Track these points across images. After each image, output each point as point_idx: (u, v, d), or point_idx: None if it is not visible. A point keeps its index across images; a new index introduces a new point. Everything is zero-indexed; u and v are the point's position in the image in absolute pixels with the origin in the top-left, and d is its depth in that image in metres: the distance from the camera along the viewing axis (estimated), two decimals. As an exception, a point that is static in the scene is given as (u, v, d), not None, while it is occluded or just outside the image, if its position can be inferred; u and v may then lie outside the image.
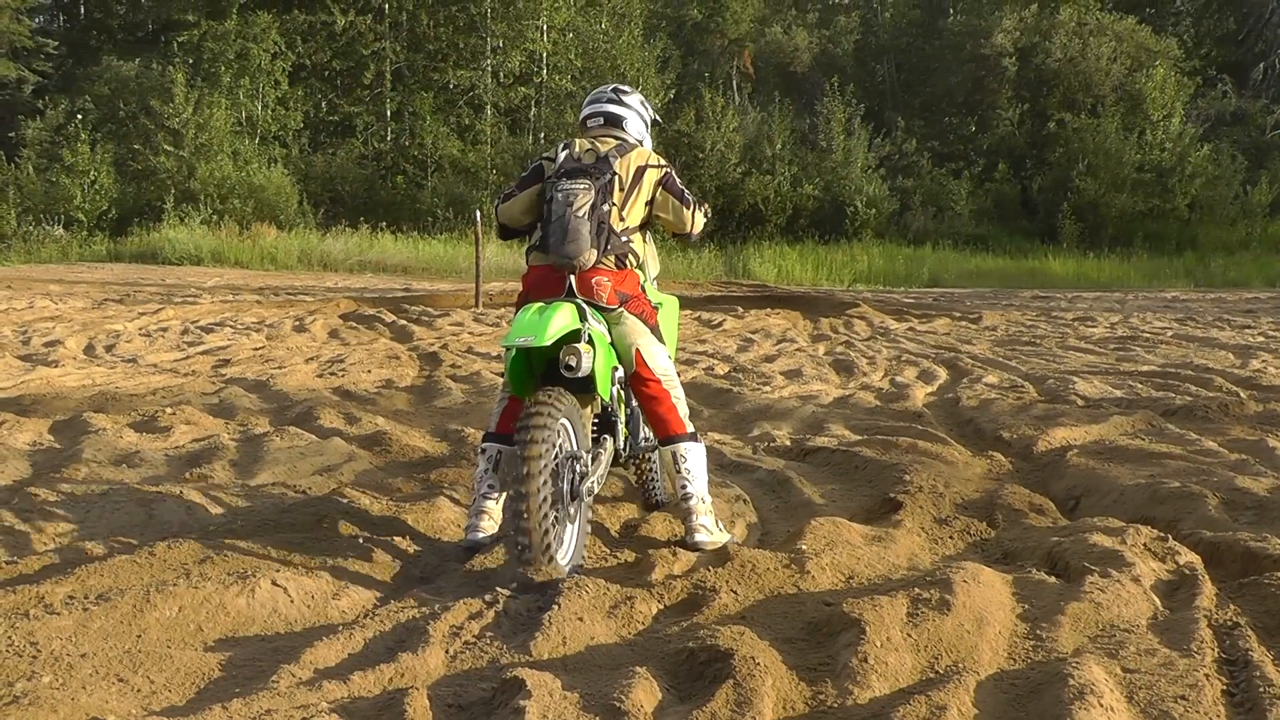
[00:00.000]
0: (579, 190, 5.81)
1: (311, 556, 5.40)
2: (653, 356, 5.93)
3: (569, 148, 6.11)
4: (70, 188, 42.55)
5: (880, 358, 14.86)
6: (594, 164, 5.94)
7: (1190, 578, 5.11)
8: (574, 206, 5.76)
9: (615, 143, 6.16)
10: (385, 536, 5.74)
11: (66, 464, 7.40)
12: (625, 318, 5.89)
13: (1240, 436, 8.62)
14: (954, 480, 7.21)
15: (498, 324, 19.03)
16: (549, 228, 5.83)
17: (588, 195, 5.80)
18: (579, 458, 5.43)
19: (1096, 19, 51.02)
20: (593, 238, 5.75)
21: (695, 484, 5.83)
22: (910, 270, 38.36)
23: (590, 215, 5.77)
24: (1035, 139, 50.44)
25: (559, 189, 5.86)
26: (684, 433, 5.91)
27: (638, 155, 6.15)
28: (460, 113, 50.10)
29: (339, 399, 10.70)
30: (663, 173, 6.19)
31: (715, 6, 56.81)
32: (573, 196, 5.79)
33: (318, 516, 6.02)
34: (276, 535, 5.70)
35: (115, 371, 12.59)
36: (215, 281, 29.26)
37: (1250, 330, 18.89)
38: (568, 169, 5.95)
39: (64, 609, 4.46)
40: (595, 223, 5.78)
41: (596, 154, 6.00)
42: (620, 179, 5.98)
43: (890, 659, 4.05)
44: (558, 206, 5.81)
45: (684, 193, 6.22)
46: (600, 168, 5.91)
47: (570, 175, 5.90)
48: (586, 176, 5.87)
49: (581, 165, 5.95)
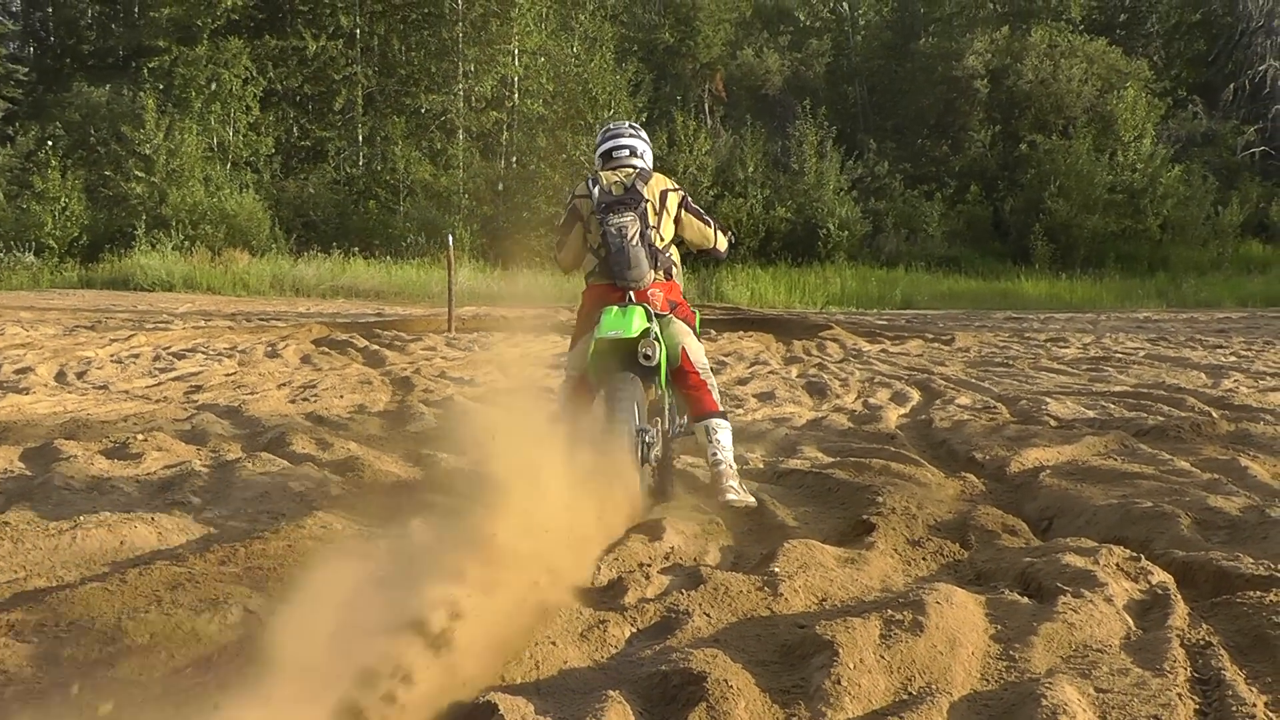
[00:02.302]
0: (627, 222, 6.96)
1: (284, 583, 5.38)
2: (694, 352, 7.13)
3: (597, 183, 7.16)
4: (41, 214, 42.44)
5: (853, 380, 14.89)
6: (626, 195, 7.05)
7: (1163, 598, 5.12)
8: (628, 238, 6.94)
9: (634, 171, 7.24)
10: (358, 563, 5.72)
11: (37, 491, 7.36)
12: (673, 321, 7.09)
13: (1213, 456, 8.64)
14: (927, 502, 7.21)
15: (470, 348, 19.02)
16: (611, 258, 6.99)
17: (635, 225, 6.97)
18: (647, 430, 6.65)
19: (1068, 41, 51.23)
20: (649, 261, 6.98)
21: (725, 453, 6.97)
22: (883, 292, 38.45)
23: (641, 242, 6.96)
24: (1007, 160, 50.59)
25: (609, 224, 6.99)
26: (717, 411, 7.11)
27: (657, 180, 7.29)
28: (432, 137, 50.08)
29: (311, 424, 10.66)
30: (680, 195, 7.40)
31: (687, 30, 56.90)
32: (624, 229, 6.94)
33: (290, 543, 6.00)
34: (249, 562, 5.67)
35: (86, 398, 12.53)
36: (187, 308, 29.19)
37: (1222, 350, 19.00)
38: (607, 203, 7.04)
39: (34, 636, 4.43)
40: (647, 247, 6.98)
41: (624, 185, 7.10)
42: (652, 204, 7.12)
43: (863, 681, 4.05)
44: (614, 239, 6.97)
45: (701, 212, 7.47)
46: (633, 197, 7.04)
47: (613, 209, 7.01)
48: (627, 208, 7.00)
49: (617, 198, 7.05)
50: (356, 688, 3.56)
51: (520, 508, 5.06)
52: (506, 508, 5.05)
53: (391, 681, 3.62)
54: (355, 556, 5.19)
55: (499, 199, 47.46)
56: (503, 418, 7.10)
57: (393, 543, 5.70)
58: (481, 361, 16.98)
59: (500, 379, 14.58)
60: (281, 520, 6.75)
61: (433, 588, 4.14)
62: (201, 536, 6.44)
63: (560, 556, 5.06)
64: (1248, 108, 52.58)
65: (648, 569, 5.61)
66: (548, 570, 4.83)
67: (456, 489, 6.75)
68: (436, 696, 3.83)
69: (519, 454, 5.68)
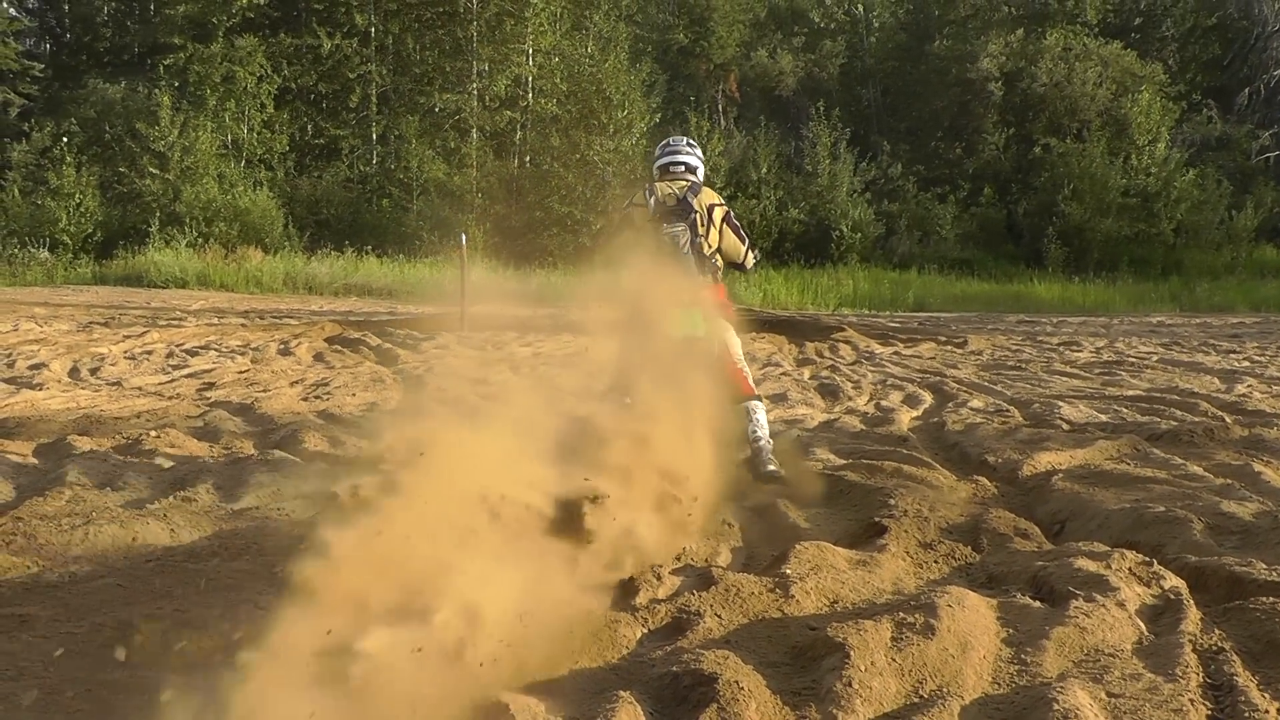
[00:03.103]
0: (679, 232, 7.97)
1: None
2: (734, 345, 8.24)
3: (653, 194, 8.13)
4: (55, 210, 42.51)
5: (865, 382, 14.89)
6: (678, 206, 8.04)
7: (1175, 602, 5.10)
8: (680, 245, 7.94)
9: (687, 184, 8.19)
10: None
11: (50, 487, 7.36)
12: (718, 319, 8.08)
13: (1225, 461, 8.62)
14: (939, 504, 7.20)
15: (483, 347, 19.01)
16: (674, 267, 7.86)
17: (686, 234, 7.98)
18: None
19: (1083, 44, 51.14)
20: (698, 266, 7.99)
21: (762, 430, 8.13)
22: (896, 294, 38.41)
23: (692, 249, 7.98)
24: (1021, 163, 50.53)
25: (665, 233, 7.98)
26: (754, 394, 8.27)
27: (706, 195, 8.21)
28: (446, 136, 50.08)
29: (323, 422, 10.66)
30: (725, 210, 8.31)
31: (701, 31, 56.89)
32: (678, 238, 7.96)
33: (302, 540, 6.00)
34: (260, 559, 5.68)
35: (100, 394, 12.55)
36: (200, 305, 29.24)
37: (1235, 355, 18.96)
38: (662, 213, 8.04)
39: (47, 632, 4.44)
40: (697, 254, 8.00)
41: (676, 197, 8.09)
42: (700, 216, 8.07)
43: (874, 683, 4.04)
44: (670, 250, 7.92)
45: (739, 228, 8.40)
46: (684, 208, 8.04)
47: (667, 219, 8.01)
48: (679, 218, 8.01)
49: (671, 209, 8.05)
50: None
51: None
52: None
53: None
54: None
55: (512, 198, 47.45)
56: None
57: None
58: (494, 360, 16.98)
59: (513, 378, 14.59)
60: (293, 517, 6.76)
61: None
62: (214, 533, 6.45)
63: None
64: (1262, 112, 52.49)
65: (659, 570, 5.60)
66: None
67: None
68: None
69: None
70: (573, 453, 5.40)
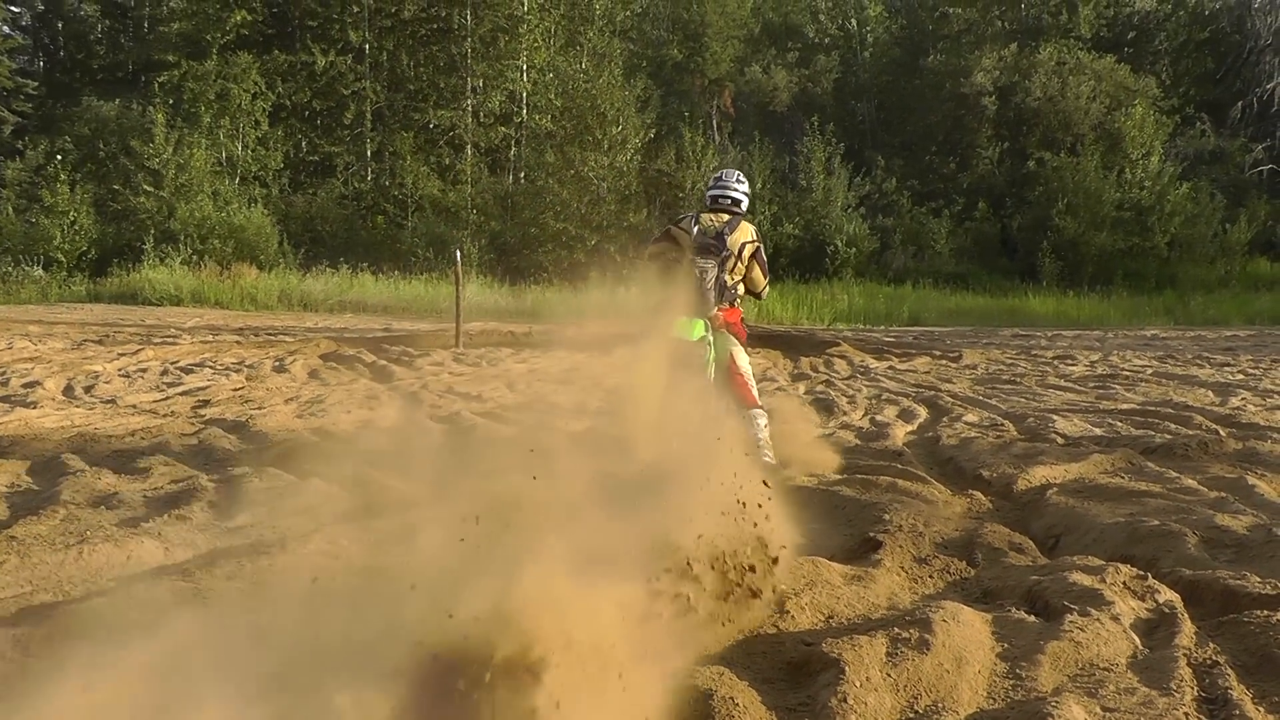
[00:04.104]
0: (708, 266, 9.05)
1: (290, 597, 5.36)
2: (740, 359, 9.29)
3: (698, 223, 9.25)
4: (50, 228, 42.58)
5: (860, 396, 14.88)
6: (715, 240, 9.13)
7: (1169, 616, 5.10)
8: (705, 281, 9.03)
9: (729, 217, 9.29)
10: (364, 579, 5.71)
11: (44, 505, 7.35)
12: (726, 335, 9.19)
13: (1220, 474, 8.62)
14: (934, 519, 7.21)
15: (478, 364, 19.01)
16: (694, 293, 9.02)
17: (713, 270, 9.07)
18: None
19: (1076, 58, 51.22)
20: (716, 296, 9.09)
21: (764, 434, 9.17)
22: (890, 309, 38.42)
23: (715, 284, 9.08)
24: (1015, 177, 50.58)
25: (697, 265, 9.07)
26: (757, 405, 9.34)
27: (741, 231, 9.24)
28: (440, 152, 50.23)
29: (318, 440, 10.66)
30: (756, 248, 9.32)
31: (695, 47, 57.04)
32: (705, 274, 9.04)
33: (296, 558, 5.99)
34: (255, 577, 5.67)
35: (94, 412, 12.53)
36: (195, 322, 29.23)
37: (1229, 368, 18.97)
38: (699, 246, 9.14)
39: (41, 651, 4.43)
40: (718, 288, 9.11)
41: (715, 231, 9.20)
42: (731, 254, 9.13)
43: (869, 699, 4.04)
44: (697, 279, 9.02)
45: (764, 264, 9.45)
46: (719, 245, 9.12)
47: (701, 253, 9.09)
48: (712, 255, 9.09)
49: (706, 243, 9.13)
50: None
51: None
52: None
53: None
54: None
55: (507, 214, 47.50)
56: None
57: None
58: (489, 377, 16.98)
59: (508, 395, 14.58)
60: (288, 536, 6.75)
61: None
62: (208, 551, 6.43)
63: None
64: (1256, 125, 52.56)
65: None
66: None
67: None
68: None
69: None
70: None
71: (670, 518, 4.93)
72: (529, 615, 3.63)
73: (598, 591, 3.95)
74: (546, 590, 3.74)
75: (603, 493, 5.09)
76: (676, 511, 5.00)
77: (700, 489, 5.19)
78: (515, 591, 3.72)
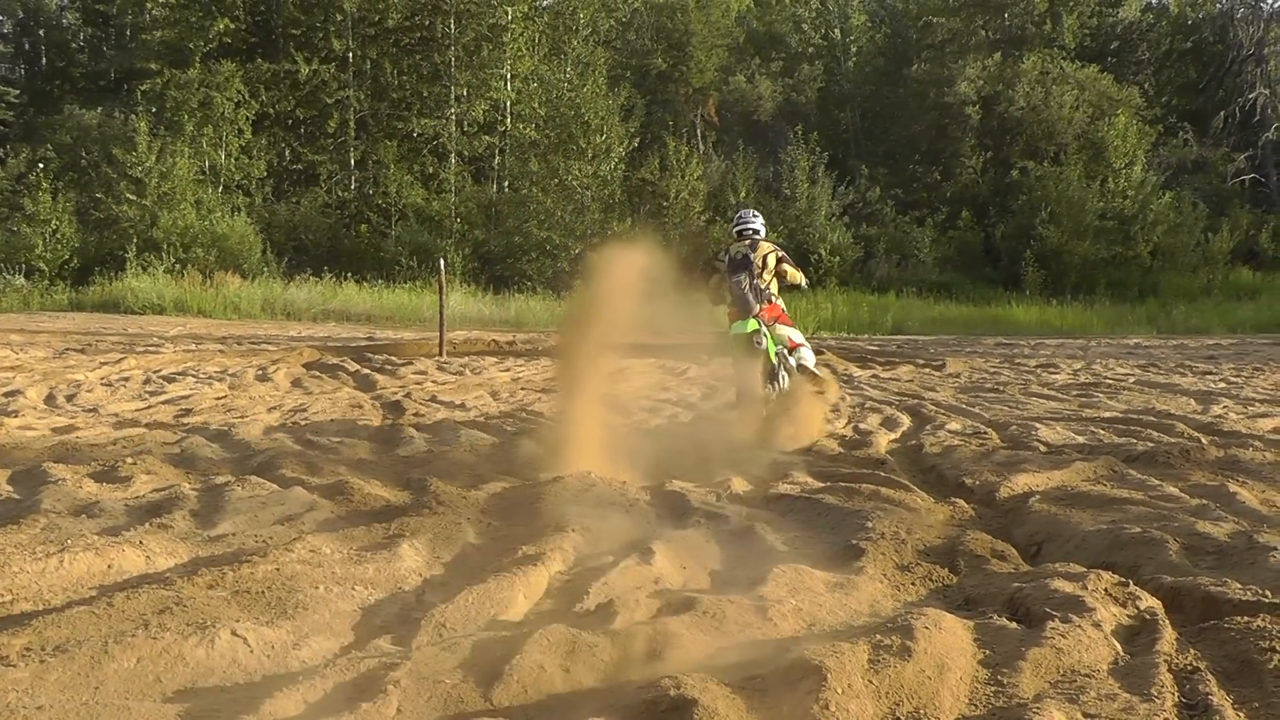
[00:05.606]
0: (741, 279, 11.62)
1: (272, 606, 5.35)
2: (797, 336, 12.26)
3: (728, 252, 12.04)
4: (31, 237, 42.45)
5: (844, 405, 14.90)
6: (742, 260, 11.80)
7: (1151, 623, 5.11)
8: (743, 287, 11.58)
9: (749, 243, 12.01)
10: (346, 586, 5.70)
11: (25, 514, 7.32)
12: (777, 325, 11.86)
13: (1201, 482, 8.65)
14: (916, 527, 7.21)
15: (462, 372, 19.02)
16: (736, 300, 11.66)
17: (746, 280, 11.61)
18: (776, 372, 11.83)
19: (1059, 67, 51.39)
20: (755, 298, 11.58)
21: (811, 359, 12.35)
22: (874, 318, 38.54)
23: (750, 289, 11.59)
24: (998, 187, 50.74)
25: (733, 280, 11.67)
26: (804, 344, 12.35)
27: (763, 247, 12.00)
28: (424, 161, 50.23)
29: (301, 448, 10.64)
30: (779, 254, 12.08)
31: (679, 56, 57.11)
32: (741, 284, 11.59)
33: (278, 566, 5.98)
34: (237, 586, 5.65)
35: (76, 421, 12.50)
36: (178, 331, 29.19)
37: (1211, 376, 19.03)
38: (733, 265, 11.79)
39: (20, 661, 4.41)
40: (754, 291, 11.61)
41: (742, 253, 11.87)
42: (757, 266, 11.79)
43: (851, 706, 4.04)
44: (735, 289, 11.63)
45: (791, 260, 12.30)
46: (746, 262, 11.77)
47: (734, 270, 11.72)
48: (742, 269, 11.69)
49: (737, 263, 11.80)
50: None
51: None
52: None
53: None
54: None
55: (491, 223, 47.50)
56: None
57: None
58: (472, 385, 16.98)
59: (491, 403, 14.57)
60: (270, 544, 6.73)
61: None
62: (189, 560, 6.40)
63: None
64: (1238, 135, 52.79)
65: (637, 593, 5.59)
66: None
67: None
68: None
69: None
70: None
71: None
72: None
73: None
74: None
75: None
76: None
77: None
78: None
